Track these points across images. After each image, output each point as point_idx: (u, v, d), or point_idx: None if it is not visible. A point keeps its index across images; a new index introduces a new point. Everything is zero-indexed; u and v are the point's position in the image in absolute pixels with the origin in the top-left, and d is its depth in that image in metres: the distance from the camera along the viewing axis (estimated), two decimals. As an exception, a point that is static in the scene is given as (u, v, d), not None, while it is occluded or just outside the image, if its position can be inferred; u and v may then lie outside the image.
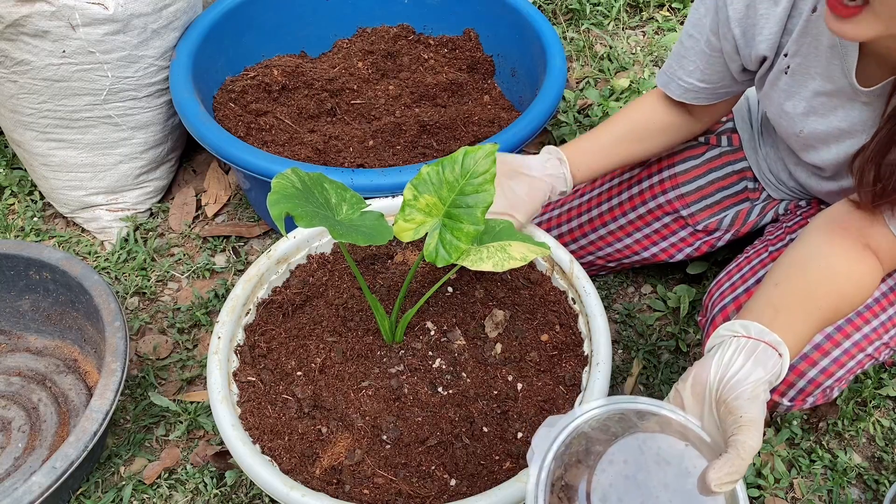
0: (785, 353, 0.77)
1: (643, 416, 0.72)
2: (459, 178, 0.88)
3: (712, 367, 0.75)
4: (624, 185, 1.30)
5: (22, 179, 1.63)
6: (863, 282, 0.87)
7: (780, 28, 0.92)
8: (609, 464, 0.68)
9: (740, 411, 0.70)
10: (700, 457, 0.69)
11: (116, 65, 1.35)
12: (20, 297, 1.30)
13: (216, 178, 1.64)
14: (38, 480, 0.99)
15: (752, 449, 0.67)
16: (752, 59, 0.98)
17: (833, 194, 1.08)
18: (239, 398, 0.98)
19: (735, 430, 0.68)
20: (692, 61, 1.04)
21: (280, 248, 1.11)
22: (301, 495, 0.84)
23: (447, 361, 1.01)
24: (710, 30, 0.99)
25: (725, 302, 1.08)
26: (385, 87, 1.62)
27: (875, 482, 1.19)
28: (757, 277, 1.09)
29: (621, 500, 0.66)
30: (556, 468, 0.69)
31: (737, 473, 0.65)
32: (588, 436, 0.71)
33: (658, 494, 0.67)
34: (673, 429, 0.72)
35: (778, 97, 1.00)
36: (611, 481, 0.67)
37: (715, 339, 0.80)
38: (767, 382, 0.74)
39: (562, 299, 1.09)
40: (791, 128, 1.01)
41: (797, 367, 0.99)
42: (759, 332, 0.78)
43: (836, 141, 0.97)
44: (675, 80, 1.08)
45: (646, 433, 0.70)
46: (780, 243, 1.13)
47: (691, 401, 0.75)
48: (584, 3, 2.05)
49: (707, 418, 0.74)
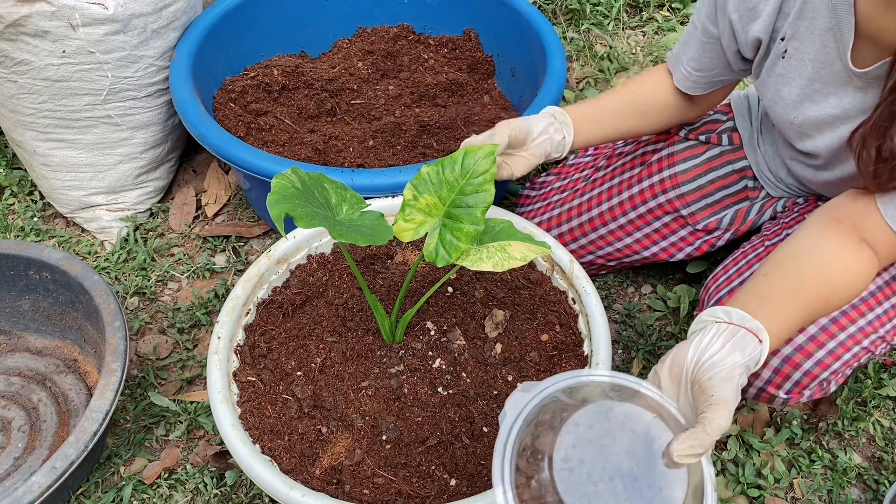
0: (765, 340, 0.78)
1: (620, 390, 0.73)
2: (459, 178, 0.88)
3: (690, 349, 0.76)
4: (624, 184, 1.30)
5: (22, 179, 1.63)
6: (855, 274, 0.88)
7: (775, 10, 0.94)
8: (574, 426, 0.69)
9: (712, 390, 0.71)
10: (666, 430, 0.70)
11: (116, 65, 1.35)
12: (20, 297, 1.30)
13: (216, 178, 1.64)
14: (38, 480, 0.99)
15: (719, 426, 0.68)
16: (748, 44, 1.00)
17: (830, 186, 1.08)
18: (239, 398, 0.98)
19: (705, 407, 0.70)
20: (690, 49, 1.09)
21: (280, 248, 1.11)
22: (301, 495, 0.84)
23: (447, 361, 1.01)
24: (706, 17, 1.03)
25: (721, 294, 1.09)
26: (385, 87, 1.62)
27: (875, 482, 1.19)
28: (752, 270, 1.09)
29: (583, 462, 0.67)
30: (527, 433, 0.70)
31: (700, 447, 0.67)
32: (561, 403, 0.72)
33: (620, 460, 0.68)
34: (648, 405, 0.72)
35: (775, 83, 1.01)
36: (574, 443, 0.68)
37: (697, 324, 0.81)
38: (744, 367, 0.75)
39: (562, 299, 1.09)
40: (785, 115, 1.03)
41: (793, 359, 0.99)
42: (741, 318, 0.78)
43: (829, 127, 0.98)
44: (679, 64, 1.12)
45: (614, 401, 0.71)
46: (776, 238, 1.14)
47: (668, 381, 0.76)
48: (584, 3, 2.05)
49: (682, 399, 0.75)
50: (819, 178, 1.09)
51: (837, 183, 1.05)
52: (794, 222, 1.15)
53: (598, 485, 0.66)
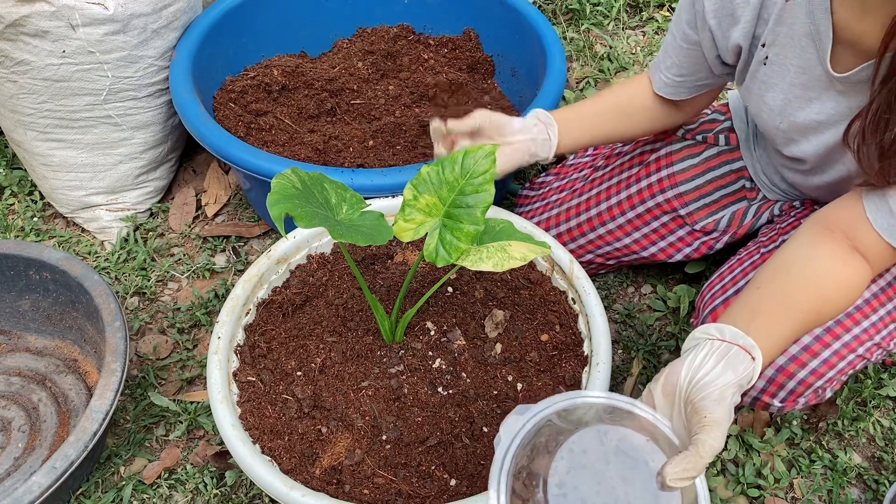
0: (758, 357, 0.77)
1: (614, 412, 0.73)
2: (459, 178, 0.88)
3: (683, 368, 0.76)
4: (622, 184, 1.30)
5: (22, 179, 1.63)
6: (847, 285, 0.87)
7: (754, 16, 0.94)
8: (569, 452, 0.69)
9: (705, 411, 0.71)
10: (660, 452, 0.70)
11: (116, 65, 1.35)
12: (20, 297, 1.30)
13: (216, 178, 1.64)
14: (38, 480, 0.99)
15: (712, 448, 0.68)
16: (729, 50, 1.00)
17: (822, 190, 1.08)
18: (239, 398, 0.98)
19: (699, 429, 0.70)
20: (670, 57, 1.09)
21: (280, 248, 1.11)
22: (301, 495, 0.84)
23: (447, 361, 1.01)
24: (686, 23, 1.02)
25: (716, 304, 1.09)
26: (385, 87, 1.62)
27: (875, 482, 1.19)
28: (747, 279, 1.09)
29: (577, 488, 0.67)
30: (522, 455, 0.70)
31: (694, 470, 0.66)
32: (556, 426, 0.72)
33: (615, 485, 0.68)
34: (642, 426, 0.72)
35: (758, 89, 1.01)
36: (568, 468, 0.68)
37: (690, 341, 0.82)
38: (737, 386, 0.75)
39: (562, 299, 1.09)
40: (771, 121, 1.02)
41: (786, 369, 0.98)
42: (734, 335, 0.78)
43: (814, 133, 0.97)
44: (658, 72, 1.13)
45: (608, 425, 0.71)
46: (772, 245, 1.13)
47: (662, 400, 0.76)
48: (584, 3, 2.05)
49: (676, 419, 0.75)
50: (810, 182, 1.09)
51: (829, 187, 1.05)
52: (790, 227, 1.15)
53: None
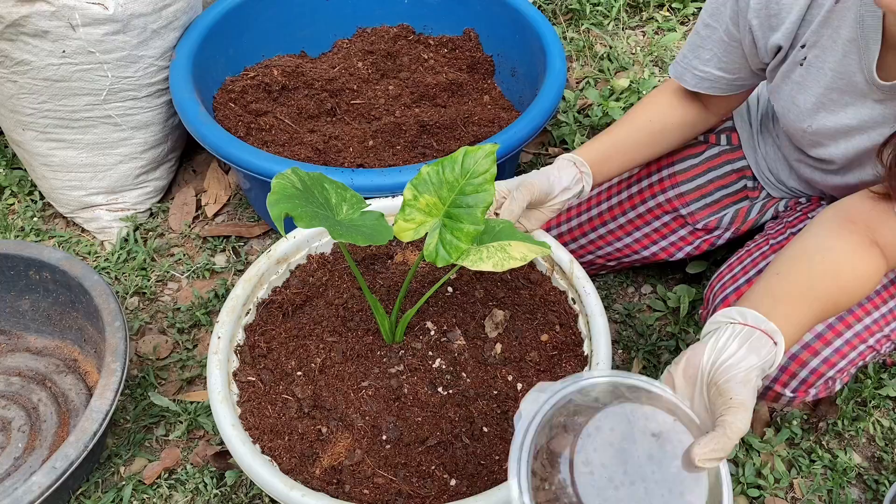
0: (780, 342, 0.77)
1: (635, 391, 0.73)
2: (459, 178, 0.88)
3: (706, 351, 0.75)
4: (623, 183, 1.30)
5: (22, 179, 1.63)
6: (865, 277, 0.87)
7: (799, 17, 0.92)
8: (596, 430, 0.68)
9: (731, 393, 0.70)
10: (687, 433, 0.69)
11: (116, 65, 1.35)
12: (20, 297, 1.30)
13: (216, 178, 1.64)
14: (38, 480, 0.99)
15: (739, 430, 0.68)
16: (767, 50, 0.98)
17: (838, 189, 1.08)
18: (239, 398, 0.98)
19: (724, 410, 0.69)
20: (709, 50, 1.04)
21: (280, 248, 1.11)
22: (301, 495, 0.84)
23: (447, 361, 1.01)
24: (729, 19, 0.99)
25: (727, 292, 1.09)
26: (385, 87, 1.62)
27: (875, 482, 1.19)
28: (758, 269, 1.09)
29: (605, 466, 0.66)
30: (543, 434, 0.69)
31: (722, 451, 0.66)
32: (576, 404, 0.71)
33: (642, 465, 0.67)
34: (663, 406, 0.72)
35: (790, 89, 0.99)
36: (595, 447, 0.67)
37: (711, 325, 0.81)
38: (760, 369, 0.75)
39: (562, 299, 1.09)
40: (798, 122, 1.01)
41: (799, 357, 0.99)
42: (756, 319, 0.78)
43: (844, 137, 0.97)
44: (690, 69, 1.08)
45: (634, 404, 0.70)
46: (780, 237, 1.13)
47: (682, 382, 0.75)
48: (584, 3, 2.05)
49: (697, 401, 0.74)
50: (829, 181, 1.09)
51: (847, 187, 1.05)
52: (797, 221, 1.14)
53: (619, 489, 0.66)
